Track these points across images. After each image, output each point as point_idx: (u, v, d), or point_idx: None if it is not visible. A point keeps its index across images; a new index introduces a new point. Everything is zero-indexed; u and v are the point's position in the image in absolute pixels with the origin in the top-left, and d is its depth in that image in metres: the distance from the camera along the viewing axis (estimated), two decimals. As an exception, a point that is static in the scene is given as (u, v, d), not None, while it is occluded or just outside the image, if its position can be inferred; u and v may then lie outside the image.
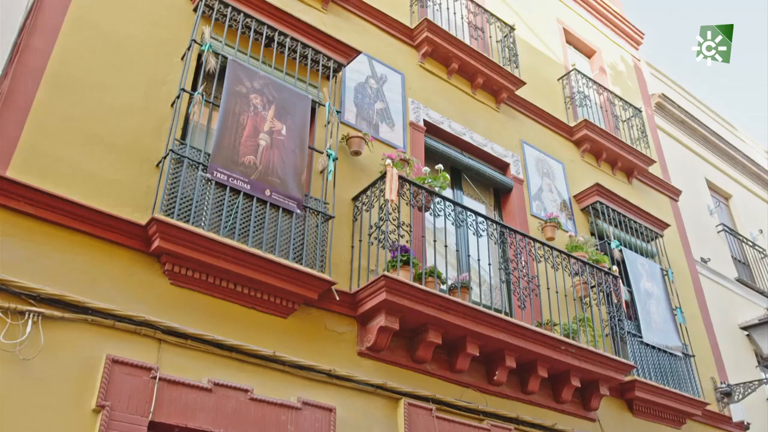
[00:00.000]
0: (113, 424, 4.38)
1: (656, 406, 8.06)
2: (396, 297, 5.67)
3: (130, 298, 4.83)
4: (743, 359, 10.54)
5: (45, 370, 4.29)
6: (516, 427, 6.53)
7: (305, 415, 5.22)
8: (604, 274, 7.83)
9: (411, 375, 6.06)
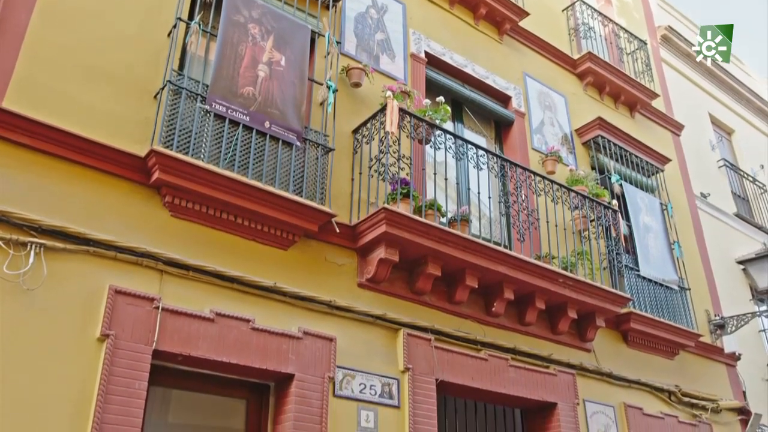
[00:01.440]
0: (118, 352, 4.46)
1: (650, 338, 8.21)
2: (396, 229, 5.70)
3: (130, 230, 4.85)
4: (738, 293, 10.68)
5: (49, 300, 4.35)
6: (513, 357, 6.67)
7: (306, 344, 5.33)
8: (604, 208, 7.85)
9: (410, 306, 6.15)
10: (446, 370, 6.07)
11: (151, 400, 4.82)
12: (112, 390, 4.35)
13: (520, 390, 6.58)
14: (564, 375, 7.05)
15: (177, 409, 5.12)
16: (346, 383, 5.43)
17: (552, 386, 6.87)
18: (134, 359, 4.52)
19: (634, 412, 7.59)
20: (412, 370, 5.83)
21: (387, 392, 5.63)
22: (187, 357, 4.79)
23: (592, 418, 7.16)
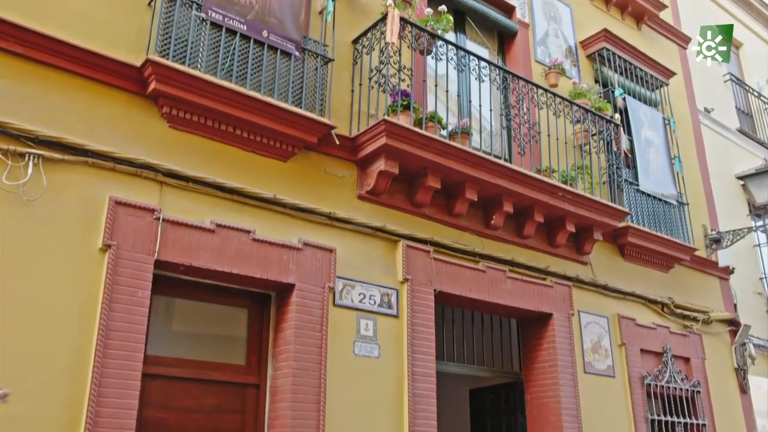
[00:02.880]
0: (120, 262, 4.52)
1: (647, 251, 8.31)
2: (396, 141, 5.67)
3: (129, 141, 4.82)
4: (736, 208, 10.73)
5: (49, 211, 4.36)
6: (510, 269, 6.77)
7: (306, 255, 5.39)
8: (606, 122, 7.78)
9: (410, 218, 6.19)
10: (444, 281, 6.18)
11: (155, 309, 4.92)
12: (116, 299, 4.43)
13: (517, 301, 6.71)
14: (560, 287, 7.18)
15: (180, 318, 5.23)
16: (345, 293, 5.53)
17: (548, 297, 7.01)
18: (137, 269, 4.58)
19: (627, 322, 7.77)
20: (411, 280, 5.92)
21: (386, 302, 5.74)
22: (189, 267, 4.85)
23: (586, 328, 7.34)
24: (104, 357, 4.28)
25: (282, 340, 5.24)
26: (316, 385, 5.10)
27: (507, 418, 7.38)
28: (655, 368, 7.93)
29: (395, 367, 5.63)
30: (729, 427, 8.58)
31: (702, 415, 8.22)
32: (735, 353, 9.16)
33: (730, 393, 8.90)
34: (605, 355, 7.42)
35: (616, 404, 7.34)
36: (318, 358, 5.18)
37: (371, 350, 5.52)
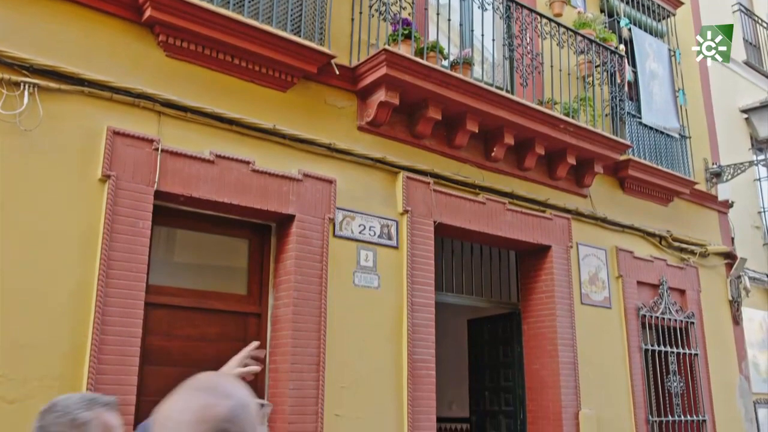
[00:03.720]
0: (120, 192, 4.52)
1: (647, 185, 8.30)
2: (396, 72, 5.58)
3: (125, 71, 4.74)
4: (738, 142, 10.66)
5: (47, 141, 4.33)
6: (510, 201, 6.78)
7: (306, 186, 5.39)
8: (610, 53, 7.65)
9: (410, 150, 6.16)
10: (444, 213, 6.20)
11: (156, 240, 4.95)
12: (117, 229, 4.45)
13: (516, 233, 6.75)
14: (559, 219, 7.20)
15: (182, 249, 5.27)
16: (345, 224, 5.56)
17: (547, 230, 7.05)
18: (136, 199, 4.58)
19: (624, 255, 7.84)
20: (411, 212, 5.94)
21: (386, 233, 5.78)
22: (189, 198, 4.86)
23: (584, 260, 7.41)
24: (107, 286, 4.33)
25: (282, 271, 5.30)
26: (317, 314, 5.19)
27: (504, 348, 7.54)
28: (651, 300, 8.05)
29: (395, 297, 5.71)
30: (721, 356, 8.77)
31: (695, 345, 8.39)
32: (730, 286, 9.27)
33: (723, 324, 9.05)
34: (602, 287, 7.51)
35: (612, 334, 7.48)
36: (318, 288, 5.25)
37: (371, 281, 5.59)
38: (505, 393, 7.41)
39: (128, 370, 4.32)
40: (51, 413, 1.81)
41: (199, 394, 1.14)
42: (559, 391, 6.73)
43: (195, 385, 1.17)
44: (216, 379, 1.20)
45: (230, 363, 2.47)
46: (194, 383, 1.19)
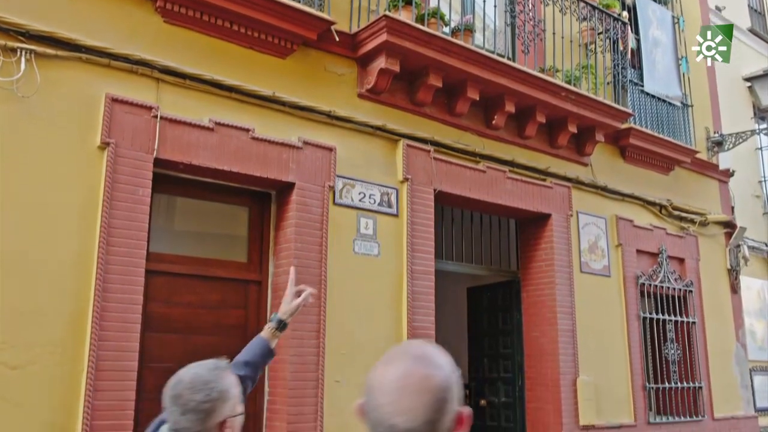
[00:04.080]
0: (119, 160, 4.50)
1: (648, 153, 8.28)
2: (397, 38, 5.53)
3: (123, 37, 4.69)
4: (740, 110, 10.60)
5: (45, 108, 4.31)
6: (510, 169, 6.77)
7: (306, 153, 5.37)
8: (613, 20, 7.56)
9: (410, 117, 6.12)
10: (444, 181, 6.19)
11: (156, 208, 4.95)
12: (117, 197, 4.45)
13: (516, 201, 6.75)
14: (560, 188, 7.20)
15: (182, 217, 5.27)
16: (345, 192, 5.55)
17: (547, 198, 7.05)
18: (136, 167, 4.57)
19: (624, 223, 7.85)
20: (411, 180, 5.93)
21: (386, 201, 5.77)
22: (188, 165, 4.84)
23: (584, 229, 7.42)
24: (107, 254, 4.34)
25: (282, 238, 5.31)
26: (317, 282, 5.21)
27: (503, 315, 7.58)
28: (650, 268, 8.07)
29: (395, 264, 5.72)
30: (718, 324, 8.83)
31: (693, 313, 8.44)
32: (729, 254, 9.30)
33: (721, 293, 9.10)
34: (602, 256, 7.53)
35: (610, 302, 7.52)
36: (318, 255, 5.26)
37: (371, 248, 5.60)
38: (504, 360, 7.48)
39: (130, 336, 4.36)
40: (192, 391, 1.88)
41: (417, 364, 1.16)
42: (557, 358, 6.79)
43: (410, 354, 1.19)
44: (426, 348, 1.22)
45: (286, 299, 2.70)
46: (408, 352, 1.20)
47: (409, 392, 1.12)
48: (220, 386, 1.92)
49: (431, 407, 1.11)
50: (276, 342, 2.67)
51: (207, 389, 1.89)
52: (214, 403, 1.89)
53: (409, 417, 1.10)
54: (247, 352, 2.59)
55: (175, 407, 1.90)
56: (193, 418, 1.87)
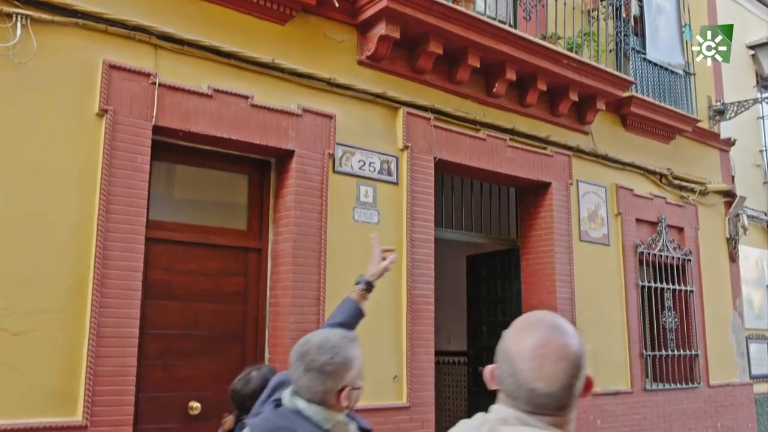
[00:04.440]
0: (118, 127, 4.48)
1: (649, 122, 8.24)
2: (397, 4, 5.45)
3: (120, 2, 4.62)
4: (743, 79, 10.52)
5: (42, 74, 4.27)
6: (511, 137, 6.74)
7: (305, 121, 5.34)
8: (617, -14, 7.47)
9: (411, 85, 6.07)
10: (445, 149, 6.16)
11: (156, 176, 4.94)
12: (116, 164, 4.43)
13: (517, 169, 6.73)
14: (560, 156, 7.18)
15: (181, 185, 5.26)
16: (345, 160, 5.53)
17: (548, 167, 7.03)
18: (135, 134, 4.55)
19: (624, 192, 7.84)
20: (411, 148, 5.91)
21: (386, 169, 5.76)
22: (187, 133, 4.82)
23: (584, 197, 7.42)
24: (107, 221, 4.34)
25: (282, 206, 5.31)
26: (317, 249, 5.22)
27: (503, 283, 7.62)
28: (649, 237, 8.09)
29: (394, 233, 5.73)
30: (716, 293, 8.88)
31: (691, 282, 8.48)
32: (728, 224, 9.31)
33: (719, 261, 9.13)
34: (601, 224, 7.54)
35: (609, 271, 7.55)
36: (318, 223, 5.26)
37: (371, 216, 5.60)
38: (503, 328, 7.33)
39: (131, 303, 4.38)
40: (319, 352, 1.95)
41: (553, 333, 1.25)
42: (555, 326, 6.83)
43: (543, 324, 1.28)
44: (556, 318, 1.31)
45: (373, 260, 2.99)
46: (541, 322, 1.29)
47: (549, 359, 1.21)
48: (346, 353, 1.98)
49: (569, 373, 1.21)
50: (365, 303, 2.84)
51: (333, 352, 1.95)
52: (336, 367, 1.94)
53: (549, 382, 1.19)
54: (339, 313, 2.74)
55: (300, 365, 1.95)
56: (314, 377, 1.93)
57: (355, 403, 2.03)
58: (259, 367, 3.08)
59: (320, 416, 1.93)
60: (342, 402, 1.95)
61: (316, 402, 1.94)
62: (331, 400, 1.95)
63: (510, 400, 1.23)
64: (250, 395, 2.83)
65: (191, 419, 4.83)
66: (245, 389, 2.98)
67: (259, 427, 2.02)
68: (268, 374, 2.96)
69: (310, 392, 1.94)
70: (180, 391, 4.82)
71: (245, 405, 2.85)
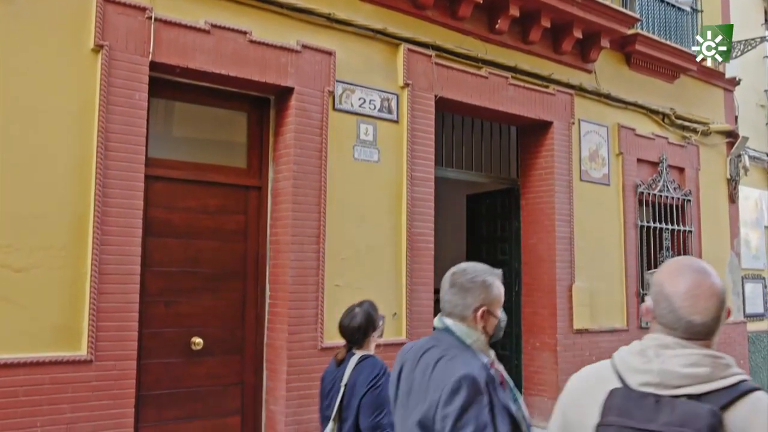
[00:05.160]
0: (114, 63, 4.41)
1: (653, 60, 8.11)
2: (398, -64, 5.31)
3: (113, -68, 4.50)
4: (751, 17, 10.31)
5: (36, 9, 4.20)
6: (513, 75, 6.64)
7: (305, 57, 5.26)
8: None
9: (412, 21, 5.95)
10: (446, 87, 6.09)
11: (154, 113, 4.89)
12: (113, 101, 4.39)
13: (518, 108, 6.67)
14: (562, 95, 7.09)
15: (180, 122, 5.21)
16: (345, 97, 5.47)
17: (549, 105, 6.96)
18: (131, 70, 4.48)
19: (626, 132, 7.79)
20: (412, 85, 5.83)
21: (386, 107, 5.70)
22: (185, 69, 4.75)
23: (585, 137, 7.37)
24: (106, 159, 4.32)
25: (282, 144, 5.28)
26: (317, 187, 5.22)
27: (502, 222, 7.64)
28: (650, 177, 8.08)
29: (394, 171, 5.71)
30: (714, 233, 8.92)
31: (690, 222, 8.51)
32: (729, 164, 9.28)
33: (719, 202, 9.14)
34: (602, 164, 7.52)
35: (609, 211, 7.56)
36: (318, 161, 5.24)
37: (371, 154, 5.58)
38: (502, 266, 7.58)
39: (131, 241, 4.40)
40: (463, 273, 2.22)
41: (702, 276, 1.57)
42: (554, 265, 6.90)
43: (692, 268, 1.59)
44: (701, 263, 1.61)
45: None
46: (690, 267, 1.59)
47: (702, 297, 1.54)
48: (486, 278, 2.21)
49: (718, 307, 1.55)
50: None
51: (474, 274, 2.20)
52: (476, 285, 2.18)
53: (703, 315, 1.53)
54: None
55: (447, 284, 2.23)
56: (455, 292, 2.19)
57: (493, 332, 2.21)
58: (360, 303, 3.41)
59: (461, 331, 2.16)
60: (479, 321, 2.16)
61: (457, 316, 2.18)
62: (469, 317, 2.17)
63: (668, 330, 1.56)
64: (357, 328, 3.29)
65: (194, 354, 4.93)
66: (352, 324, 3.32)
67: (408, 347, 2.30)
68: (369, 309, 3.38)
69: (452, 306, 2.19)
70: (182, 327, 4.90)
71: (353, 338, 3.31)
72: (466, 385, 1.97)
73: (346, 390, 3.21)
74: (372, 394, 3.12)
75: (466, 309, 2.16)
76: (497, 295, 2.21)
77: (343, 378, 3.24)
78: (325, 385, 3.39)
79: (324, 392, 3.39)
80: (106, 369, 4.23)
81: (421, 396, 2.10)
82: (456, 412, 1.94)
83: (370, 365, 3.23)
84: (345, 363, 3.30)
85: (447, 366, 2.06)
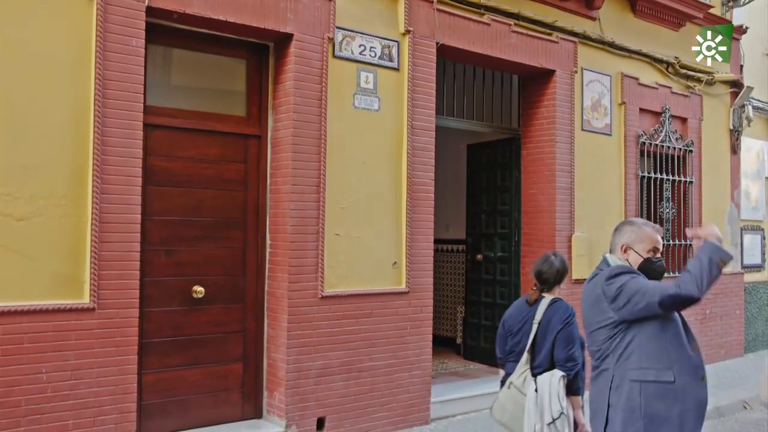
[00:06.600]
0: (110, 8, 4.33)
1: (659, 8, 7.96)
2: None
3: None
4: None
5: (29, -50, 4.09)
6: (516, 22, 6.53)
7: (304, 3, 5.15)
8: None
9: (413, -34, 5.82)
10: (447, 34, 5.99)
11: (152, 61, 4.82)
12: (110, 47, 4.32)
13: (520, 56, 6.57)
14: (565, 43, 6.99)
15: (178, 70, 5.14)
16: (345, 44, 5.38)
17: (552, 53, 6.86)
18: (128, 16, 4.40)
19: (629, 81, 7.70)
20: (413, 32, 5.74)
21: (387, 54, 5.61)
22: (182, 15, 4.66)
23: (588, 86, 7.28)
24: (104, 107, 4.28)
25: (281, 92, 5.22)
26: (317, 136, 5.18)
27: (503, 172, 7.62)
28: (652, 127, 8.02)
29: (395, 120, 5.67)
30: (714, 184, 8.91)
31: (691, 173, 8.49)
32: (733, 115, 9.20)
33: (721, 153, 9.10)
34: (604, 114, 7.46)
35: (610, 161, 7.53)
36: (318, 110, 5.19)
37: (371, 103, 5.52)
38: (502, 216, 7.60)
39: (131, 190, 4.39)
40: (624, 221, 3.16)
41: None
42: (554, 215, 6.91)
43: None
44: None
45: None
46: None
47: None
48: (634, 222, 3.12)
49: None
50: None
51: (629, 222, 3.14)
52: (622, 227, 3.10)
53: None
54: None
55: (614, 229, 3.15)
56: (614, 234, 3.10)
57: (636, 264, 2.98)
58: (554, 252, 4.01)
59: (612, 261, 3.01)
60: (622, 255, 3.01)
61: (612, 251, 3.05)
62: (617, 252, 3.04)
63: None
64: (555, 273, 3.87)
65: (195, 302, 4.97)
66: (551, 270, 3.88)
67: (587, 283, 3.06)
68: (564, 258, 3.99)
69: (611, 244, 3.09)
70: (183, 275, 4.93)
71: (550, 282, 3.89)
72: (616, 272, 2.88)
73: (539, 327, 3.77)
74: (566, 331, 3.72)
75: (616, 246, 3.05)
76: (638, 238, 2.99)
77: (536, 317, 3.80)
78: (512, 324, 3.93)
79: (512, 330, 3.93)
80: (108, 317, 4.27)
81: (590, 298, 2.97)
82: (620, 283, 2.82)
83: (562, 306, 3.82)
84: (536, 304, 3.85)
85: (601, 275, 2.94)
